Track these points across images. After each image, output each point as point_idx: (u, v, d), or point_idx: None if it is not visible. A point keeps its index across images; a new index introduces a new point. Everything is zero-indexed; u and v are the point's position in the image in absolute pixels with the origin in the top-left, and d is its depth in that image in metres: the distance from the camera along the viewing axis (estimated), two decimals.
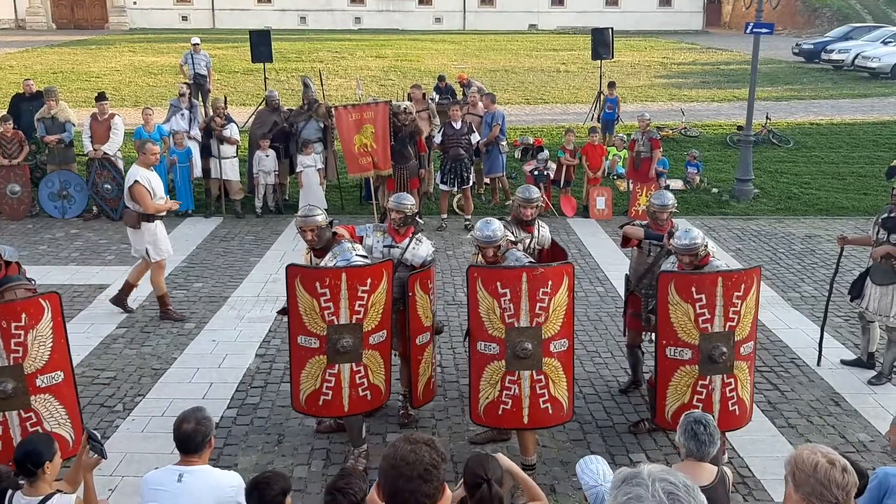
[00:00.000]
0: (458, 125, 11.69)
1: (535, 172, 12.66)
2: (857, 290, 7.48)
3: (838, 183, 14.26)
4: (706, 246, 5.92)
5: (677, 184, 13.77)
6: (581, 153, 12.99)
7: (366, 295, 5.53)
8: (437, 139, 11.88)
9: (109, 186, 11.90)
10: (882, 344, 7.51)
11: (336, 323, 5.51)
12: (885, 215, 7.21)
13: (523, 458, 5.78)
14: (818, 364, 7.62)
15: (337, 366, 5.59)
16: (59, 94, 12.71)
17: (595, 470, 3.73)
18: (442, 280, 9.70)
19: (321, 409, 5.75)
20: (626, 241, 6.93)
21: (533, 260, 6.18)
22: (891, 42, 27.34)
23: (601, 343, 8.10)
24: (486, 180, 13.21)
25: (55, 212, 12.10)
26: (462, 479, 3.66)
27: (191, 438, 3.97)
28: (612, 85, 16.64)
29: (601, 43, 18.74)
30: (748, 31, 13.14)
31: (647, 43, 36.46)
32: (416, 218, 6.58)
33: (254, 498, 3.84)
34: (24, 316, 5.14)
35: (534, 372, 5.52)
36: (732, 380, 5.63)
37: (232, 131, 12.02)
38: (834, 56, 27.82)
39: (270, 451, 6.15)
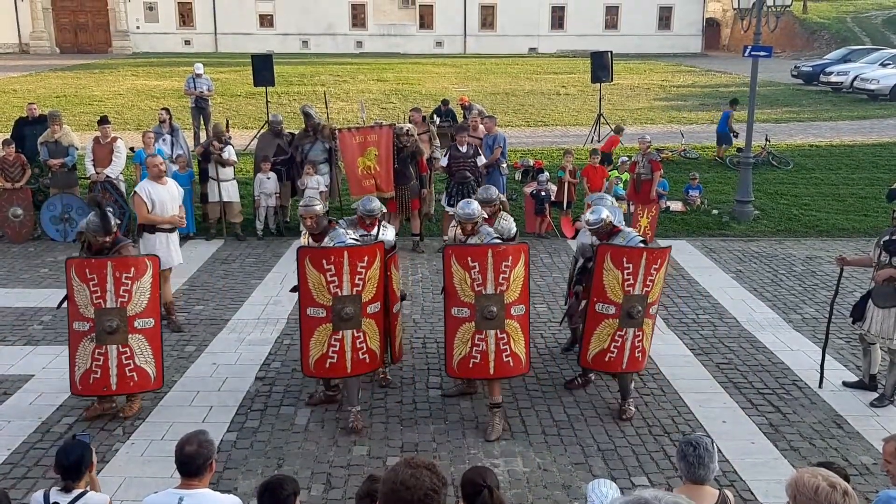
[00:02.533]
0: (464, 148, 11.74)
1: (539, 194, 12.70)
2: (858, 313, 7.45)
3: (838, 204, 14.28)
4: (611, 221, 7.09)
5: (677, 205, 13.81)
6: (582, 175, 13.04)
7: (364, 270, 6.53)
8: (444, 162, 11.93)
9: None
10: (884, 366, 7.49)
11: (340, 294, 6.50)
12: (887, 238, 7.21)
13: (491, 398, 6.84)
14: (820, 386, 7.60)
15: (341, 332, 6.56)
16: (63, 117, 12.79)
17: (603, 493, 3.75)
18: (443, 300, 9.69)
19: (328, 371, 6.71)
20: None
21: (500, 237, 7.29)
22: (889, 64, 27.51)
23: None
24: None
25: (57, 235, 12.13)
26: (461, 494, 3.66)
27: (192, 461, 3.95)
28: (733, 102, 16.68)
29: (600, 66, 18.90)
30: (747, 53, 13.23)
31: (646, 66, 36.70)
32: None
33: (266, 498, 3.87)
34: (133, 269, 6.55)
35: (497, 331, 6.61)
36: (641, 333, 6.89)
37: (229, 153, 12.06)
38: (833, 78, 27.98)
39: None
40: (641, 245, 7.06)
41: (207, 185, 12.12)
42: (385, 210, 8.16)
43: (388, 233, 7.49)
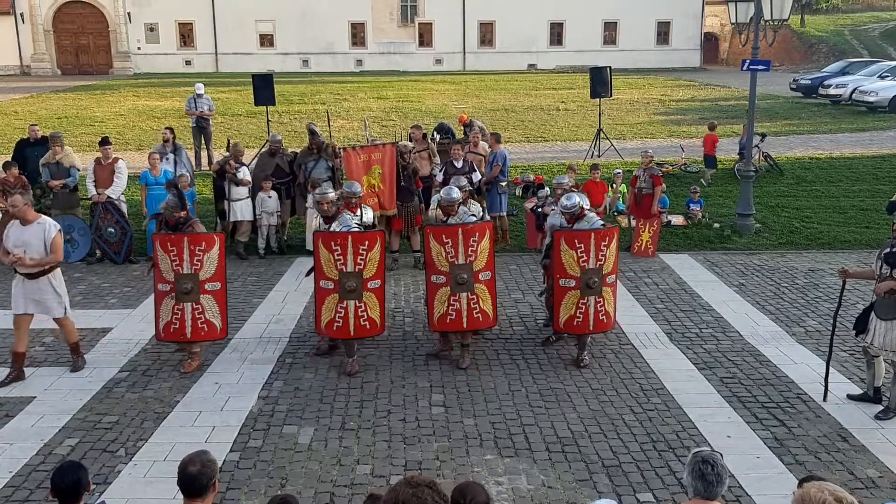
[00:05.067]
0: (459, 164, 11.77)
1: (539, 209, 12.69)
2: (861, 325, 7.43)
3: (839, 217, 14.28)
4: (582, 205, 8.41)
5: (679, 219, 13.81)
6: (583, 190, 13.04)
7: (365, 252, 7.92)
8: (439, 177, 11.95)
9: (113, 230, 11.94)
10: (888, 378, 7.46)
11: (345, 270, 7.92)
12: (888, 250, 7.20)
13: (462, 340, 8.39)
14: (824, 399, 7.56)
15: (345, 301, 7.99)
16: (64, 139, 12.82)
17: None
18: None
19: (336, 332, 8.14)
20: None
21: (476, 216, 8.96)
22: (887, 76, 27.60)
23: (605, 380, 8.05)
24: (487, 217, 13.26)
25: None
26: None
27: (195, 481, 3.93)
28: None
29: (600, 81, 18.97)
30: (745, 67, 13.26)
31: (645, 80, 36.85)
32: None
33: None
34: (203, 243, 8.04)
35: (468, 293, 8.14)
36: (602, 299, 8.22)
37: (244, 173, 12.14)
38: (831, 91, 28.07)
39: (273, 495, 6.07)
40: (600, 226, 8.27)
41: (224, 203, 12.21)
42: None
43: (367, 213, 9.14)
